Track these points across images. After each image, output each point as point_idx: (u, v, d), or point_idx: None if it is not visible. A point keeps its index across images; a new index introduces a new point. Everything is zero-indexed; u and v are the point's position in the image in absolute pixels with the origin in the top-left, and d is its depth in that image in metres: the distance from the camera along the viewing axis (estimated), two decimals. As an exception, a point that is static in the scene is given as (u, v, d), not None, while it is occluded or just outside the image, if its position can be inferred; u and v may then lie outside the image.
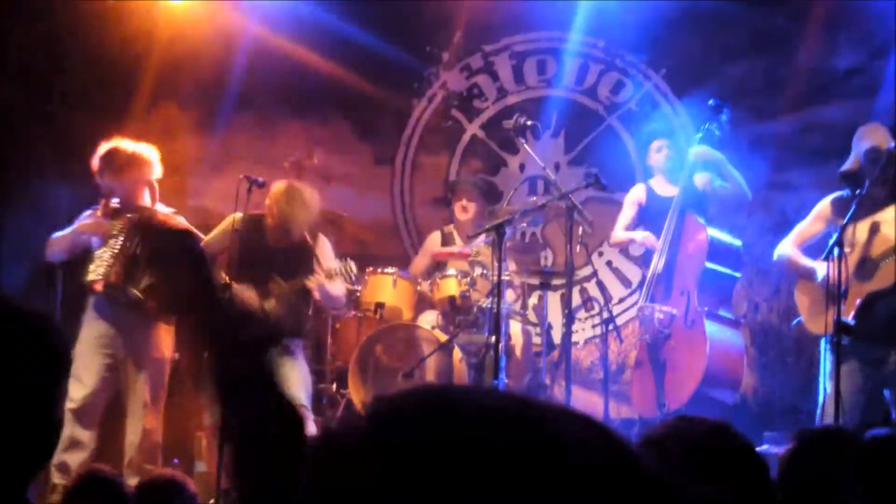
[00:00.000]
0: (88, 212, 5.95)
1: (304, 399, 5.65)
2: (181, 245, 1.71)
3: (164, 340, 5.87)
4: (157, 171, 5.92)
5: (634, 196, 6.82)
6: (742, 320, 7.00)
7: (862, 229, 5.37)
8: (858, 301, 5.32)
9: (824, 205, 5.65)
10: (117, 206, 5.88)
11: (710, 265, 6.33)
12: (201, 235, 6.01)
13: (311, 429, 4.20)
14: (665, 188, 6.69)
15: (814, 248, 5.64)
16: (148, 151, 5.90)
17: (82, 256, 5.86)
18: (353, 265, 5.83)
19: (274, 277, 5.61)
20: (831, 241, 5.10)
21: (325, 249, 5.97)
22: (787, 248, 5.72)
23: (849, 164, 5.50)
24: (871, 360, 5.34)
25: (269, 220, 5.80)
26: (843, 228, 5.11)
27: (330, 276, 5.71)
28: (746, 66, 7.82)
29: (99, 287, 5.76)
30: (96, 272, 5.74)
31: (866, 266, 5.34)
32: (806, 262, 5.63)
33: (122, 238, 5.78)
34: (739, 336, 6.59)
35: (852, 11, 7.54)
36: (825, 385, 5.43)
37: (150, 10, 7.56)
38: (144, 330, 5.79)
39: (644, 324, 6.43)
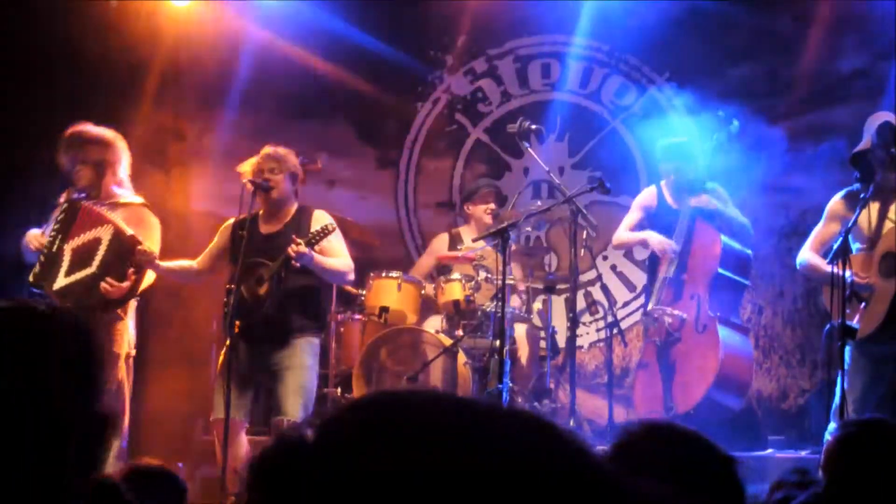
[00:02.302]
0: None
1: (299, 410, 5.42)
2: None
3: (116, 336, 5.40)
4: (104, 152, 5.48)
5: (645, 199, 6.74)
6: (748, 325, 6.99)
7: (881, 223, 5.32)
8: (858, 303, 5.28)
9: (835, 203, 5.60)
10: (73, 194, 5.50)
11: (722, 272, 6.31)
12: (137, 291, 5.51)
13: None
14: (673, 201, 6.63)
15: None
16: (94, 131, 5.49)
17: None
18: (332, 225, 5.46)
19: (263, 263, 5.51)
20: (836, 244, 5.07)
21: (318, 223, 5.61)
22: (807, 254, 5.66)
23: (860, 145, 5.45)
24: (884, 359, 5.31)
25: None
26: (849, 230, 5.08)
27: (310, 242, 5.43)
28: (750, 68, 7.82)
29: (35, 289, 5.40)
30: (32, 272, 5.41)
31: (888, 261, 5.28)
32: (827, 266, 5.55)
33: (51, 234, 5.41)
34: (749, 343, 6.58)
35: (856, 14, 7.53)
36: (842, 383, 5.37)
37: (153, 13, 7.56)
38: None
39: (651, 326, 6.41)
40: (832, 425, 5.25)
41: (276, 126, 7.94)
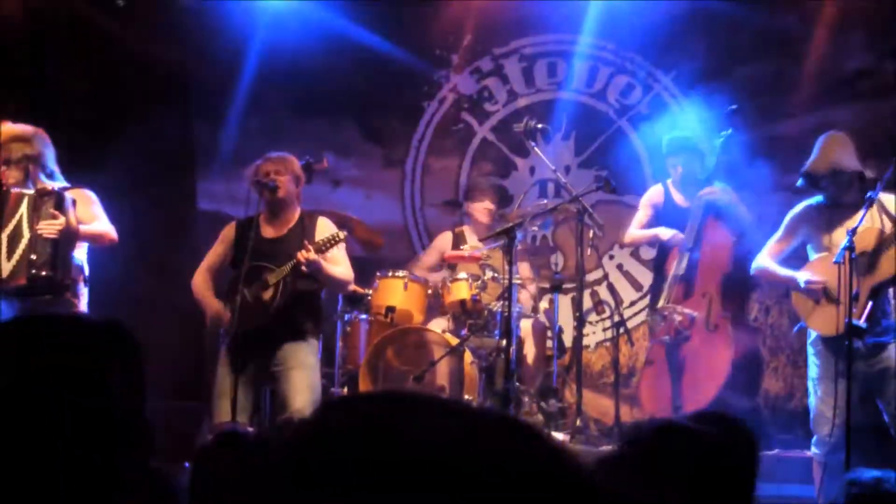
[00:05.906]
0: None
1: (309, 407, 5.36)
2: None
3: None
4: (25, 147, 5.37)
5: (651, 197, 6.75)
6: (755, 324, 6.99)
7: (839, 234, 5.35)
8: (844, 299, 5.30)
9: (791, 216, 5.67)
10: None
11: (733, 271, 6.30)
12: (75, 225, 5.39)
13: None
14: (680, 198, 6.63)
15: (792, 259, 5.65)
16: (15, 128, 5.40)
17: None
18: (342, 234, 5.50)
19: (267, 267, 5.51)
20: (842, 245, 5.08)
21: (323, 230, 5.64)
22: (764, 260, 5.71)
23: (812, 164, 5.52)
24: (856, 358, 5.32)
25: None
26: (854, 231, 5.08)
27: (319, 249, 5.45)
28: (756, 67, 7.81)
29: None
30: None
31: (864, 260, 5.30)
32: (784, 272, 5.59)
33: None
34: (759, 343, 6.57)
35: (863, 13, 7.52)
36: (815, 389, 5.42)
37: (160, 13, 7.57)
38: None
39: (659, 325, 6.40)
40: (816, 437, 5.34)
41: (283, 125, 7.96)
